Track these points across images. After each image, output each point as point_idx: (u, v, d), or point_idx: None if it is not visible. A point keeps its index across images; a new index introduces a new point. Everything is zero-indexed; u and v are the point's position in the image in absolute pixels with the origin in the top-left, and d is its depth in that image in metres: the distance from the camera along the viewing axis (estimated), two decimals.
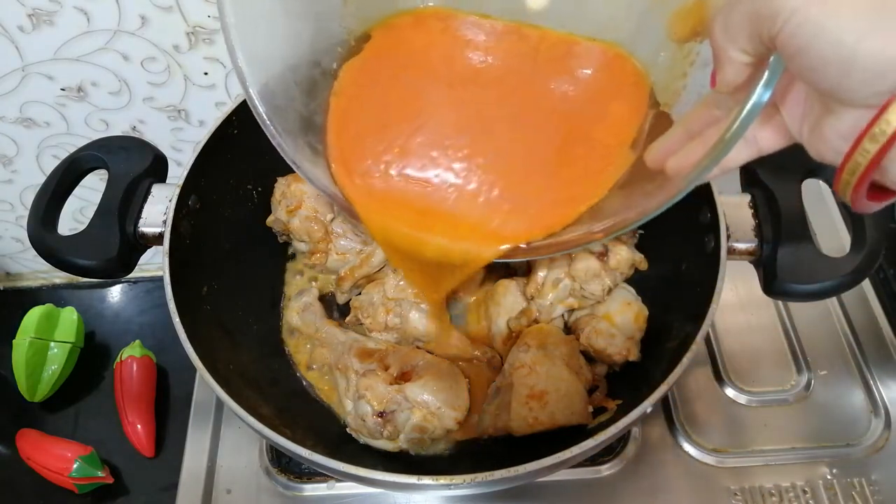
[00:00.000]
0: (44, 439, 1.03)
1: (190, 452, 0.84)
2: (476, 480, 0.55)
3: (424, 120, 0.49)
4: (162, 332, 1.18)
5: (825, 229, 0.97)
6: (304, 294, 0.79)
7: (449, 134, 0.49)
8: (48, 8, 0.80)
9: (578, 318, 0.74)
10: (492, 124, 0.49)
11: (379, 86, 0.52)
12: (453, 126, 0.49)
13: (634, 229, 0.78)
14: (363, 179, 0.49)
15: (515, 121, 0.49)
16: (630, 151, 0.47)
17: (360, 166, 0.50)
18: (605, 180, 0.46)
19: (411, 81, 0.51)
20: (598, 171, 0.46)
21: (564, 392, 0.65)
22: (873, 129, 0.32)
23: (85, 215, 1.13)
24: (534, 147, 0.48)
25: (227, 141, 0.74)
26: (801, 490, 0.79)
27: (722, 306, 0.61)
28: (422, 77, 0.52)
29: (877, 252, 0.61)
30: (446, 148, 0.48)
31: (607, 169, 0.47)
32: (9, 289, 1.28)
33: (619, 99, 0.49)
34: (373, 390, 0.66)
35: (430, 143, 0.49)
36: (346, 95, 0.51)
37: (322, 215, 0.79)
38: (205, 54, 0.88)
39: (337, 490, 0.80)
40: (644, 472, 0.80)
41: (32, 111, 0.94)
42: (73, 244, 0.66)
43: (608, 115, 0.48)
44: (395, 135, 0.49)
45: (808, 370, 0.87)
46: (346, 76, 0.52)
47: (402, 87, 0.51)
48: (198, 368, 0.60)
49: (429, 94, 0.50)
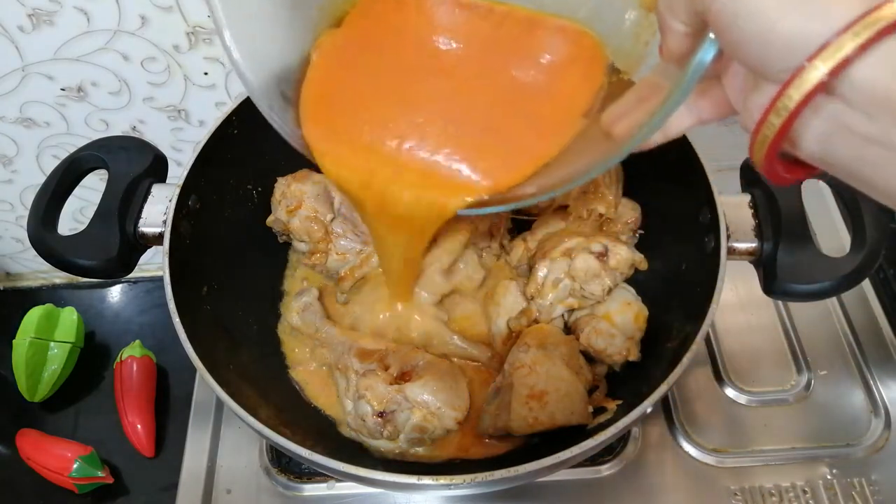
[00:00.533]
0: (44, 439, 1.03)
1: (190, 452, 0.84)
2: (476, 480, 0.55)
3: (394, 86, 0.53)
4: (162, 332, 1.18)
5: (825, 229, 0.97)
6: (304, 294, 0.79)
7: (415, 100, 0.53)
8: (48, 8, 0.80)
9: (578, 318, 0.74)
10: (456, 93, 0.53)
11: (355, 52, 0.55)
12: (419, 93, 0.53)
13: (637, 225, 0.80)
14: (330, 132, 0.53)
15: (478, 90, 0.53)
16: (582, 119, 0.52)
17: (329, 121, 0.53)
18: (556, 142, 0.51)
19: (385, 51, 0.55)
20: (551, 135, 0.52)
21: (564, 392, 0.65)
22: (777, 103, 0.33)
23: (85, 215, 1.13)
24: (494, 113, 0.53)
25: (227, 141, 0.74)
26: (801, 490, 0.79)
27: (722, 306, 0.61)
28: (394, 47, 0.55)
29: (877, 252, 0.61)
30: (412, 112, 0.53)
31: (559, 133, 0.52)
32: (9, 289, 1.28)
33: (576, 72, 0.53)
34: (373, 390, 0.66)
35: (398, 107, 0.53)
36: (325, 55, 0.55)
37: (322, 215, 0.79)
38: (205, 54, 0.88)
39: (337, 490, 0.80)
40: (644, 472, 0.80)
41: (32, 111, 0.94)
42: (73, 244, 0.66)
43: (564, 85, 0.53)
44: (366, 97, 0.53)
45: (808, 370, 0.87)
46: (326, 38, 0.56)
47: (377, 56, 0.55)
48: (198, 368, 0.60)
49: (399, 64, 0.54)
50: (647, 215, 0.80)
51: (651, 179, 0.79)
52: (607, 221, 0.78)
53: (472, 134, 0.52)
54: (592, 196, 0.77)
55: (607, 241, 0.71)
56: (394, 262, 0.67)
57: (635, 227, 0.80)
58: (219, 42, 0.86)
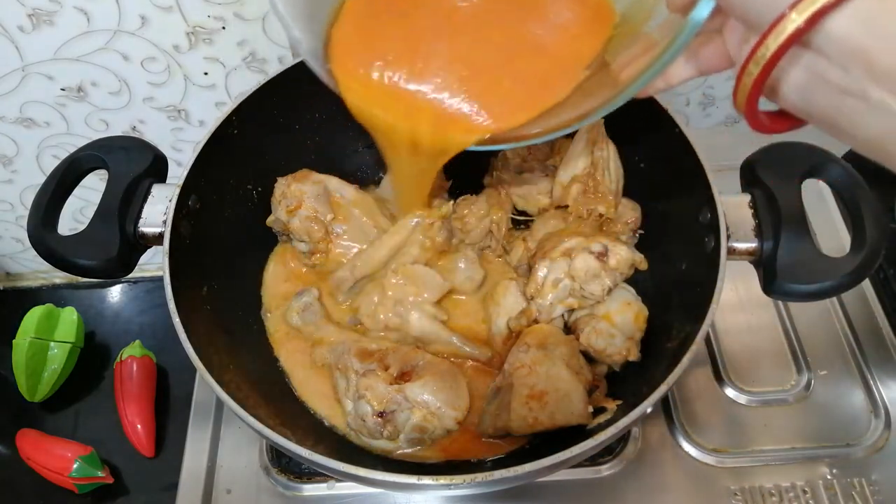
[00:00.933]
0: (44, 439, 1.03)
1: (190, 452, 0.84)
2: (476, 480, 0.55)
3: (415, 32, 0.59)
4: (162, 332, 1.18)
5: (825, 229, 0.97)
6: (304, 294, 0.79)
7: (434, 46, 0.58)
8: (48, 8, 0.80)
9: (578, 318, 0.74)
10: (473, 41, 0.59)
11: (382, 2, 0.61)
12: (439, 40, 0.58)
13: (637, 225, 0.80)
14: (357, 67, 0.58)
15: (492, 39, 0.59)
16: (585, 70, 0.56)
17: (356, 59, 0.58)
18: (560, 90, 0.56)
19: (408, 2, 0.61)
20: (556, 83, 0.56)
21: (564, 392, 0.65)
22: (756, 53, 0.35)
23: (85, 215, 1.13)
24: (505, 60, 0.58)
25: (227, 141, 0.74)
26: (801, 490, 0.79)
27: (722, 306, 0.61)
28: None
29: (877, 252, 0.61)
30: (433, 56, 0.58)
31: (563, 81, 0.56)
32: (9, 289, 1.28)
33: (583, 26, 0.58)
34: (373, 390, 0.66)
35: (419, 51, 0.58)
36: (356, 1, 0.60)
37: (322, 215, 0.79)
38: (205, 54, 0.88)
39: (337, 490, 0.80)
40: (644, 472, 0.80)
41: (32, 111, 0.94)
42: (73, 244, 0.66)
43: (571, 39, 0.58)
44: (389, 41, 0.59)
45: (808, 370, 0.87)
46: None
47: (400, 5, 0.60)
48: (198, 368, 0.60)
49: (420, 13, 0.60)
50: (647, 215, 0.80)
51: (651, 179, 0.79)
52: (607, 221, 0.78)
53: (484, 78, 0.58)
54: (592, 196, 0.77)
55: (607, 241, 0.71)
56: (405, 184, 0.72)
57: (635, 227, 0.80)
58: (219, 42, 0.86)
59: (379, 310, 0.76)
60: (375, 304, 0.76)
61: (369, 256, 0.78)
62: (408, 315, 0.75)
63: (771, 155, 0.67)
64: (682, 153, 0.69)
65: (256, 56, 0.89)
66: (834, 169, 0.66)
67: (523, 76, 0.58)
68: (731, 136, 0.56)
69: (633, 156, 0.79)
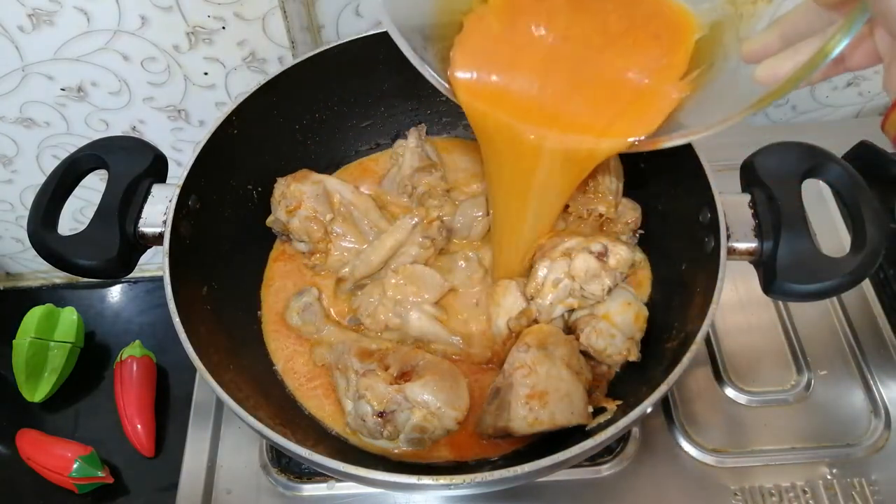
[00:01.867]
0: (44, 439, 1.03)
1: (190, 452, 0.84)
2: (476, 480, 0.55)
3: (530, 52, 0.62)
4: (162, 332, 1.18)
5: (825, 229, 0.97)
6: (304, 294, 0.79)
7: (547, 62, 0.62)
8: (48, 8, 0.80)
9: (578, 318, 0.74)
10: (582, 58, 0.62)
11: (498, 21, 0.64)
12: (551, 55, 0.62)
13: (637, 225, 0.80)
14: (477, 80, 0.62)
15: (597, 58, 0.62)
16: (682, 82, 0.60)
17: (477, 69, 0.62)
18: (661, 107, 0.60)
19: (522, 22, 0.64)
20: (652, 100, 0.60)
21: (564, 392, 0.65)
22: None
23: (85, 215, 1.13)
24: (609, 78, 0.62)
25: (227, 141, 0.74)
26: (801, 490, 0.79)
27: (722, 306, 0.61)
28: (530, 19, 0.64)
29: (877, 252, 0.61)
30: (546, 71, 0.61)
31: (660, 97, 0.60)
32: (9, 289, 1.29)
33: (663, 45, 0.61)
34: (373, 390, 0.66)
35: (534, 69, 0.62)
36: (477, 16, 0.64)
37: (321, 215, 0.79)
38: (205, 54, 0.88)
39: (337, 490, 0.80)
40: (644, 472, 0.80)
41: (32, 111, 0.94)
42: (73, 244, 0.66)
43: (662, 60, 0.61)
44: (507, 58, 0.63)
45: (808, 370, 0.87)
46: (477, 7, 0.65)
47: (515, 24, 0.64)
48: (198, 368, 0.60)
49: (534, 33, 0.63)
50: (647, 215, 0.80)
51: (651, 179, 0.79)
52: (607, 221, 0.78)
53: (605, 94, 0.61)
54: (592, 196, 0.77)
55: (607, 241, 0.71)
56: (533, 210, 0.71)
57: (635, 227, 0.80)
58: (219, 42, 0.86)
59: (379, 310, 0.76)
60: (375, 304, 0.76)
61: (369, 256, 0.78)
62: (408, 315, 0.75)
63: (771, 155, 0.67)
64: (683, 153, 0.69)
65: (256, 56, 0.89)
66: (834, 169, 0.66)
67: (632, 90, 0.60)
68: (731, 136, 0.56)
69: (633, 156, 0.79)
